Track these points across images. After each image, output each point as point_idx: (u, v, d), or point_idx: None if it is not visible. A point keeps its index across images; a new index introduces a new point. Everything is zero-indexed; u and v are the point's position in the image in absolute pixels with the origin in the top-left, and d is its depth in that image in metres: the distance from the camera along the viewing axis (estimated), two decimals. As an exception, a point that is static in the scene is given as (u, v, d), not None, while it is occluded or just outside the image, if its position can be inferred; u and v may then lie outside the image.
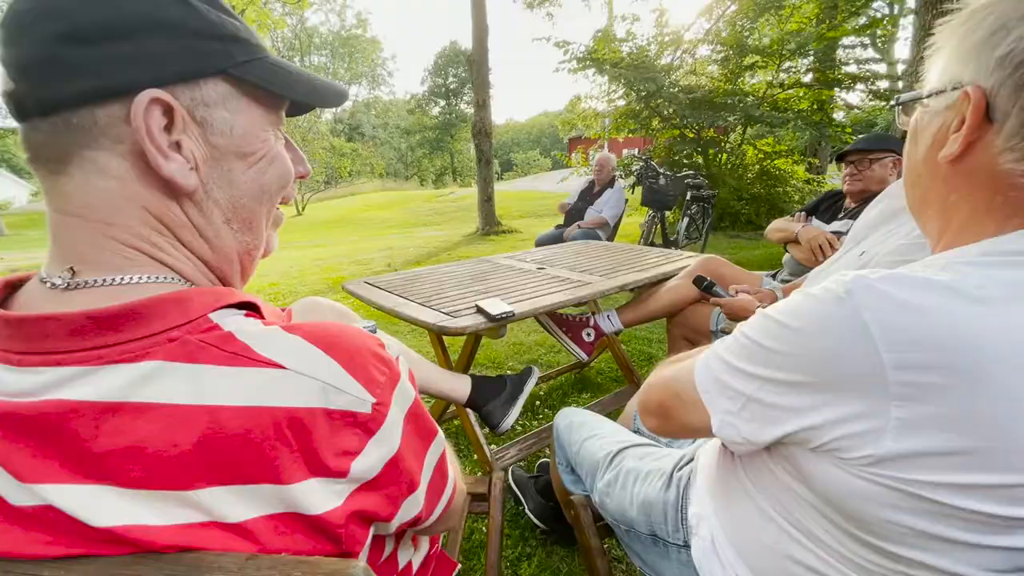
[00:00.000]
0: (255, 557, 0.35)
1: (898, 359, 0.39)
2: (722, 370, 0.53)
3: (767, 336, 0.48)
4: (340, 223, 14.96)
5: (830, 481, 0.47)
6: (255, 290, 4.79)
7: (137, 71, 0.37)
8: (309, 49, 38.63)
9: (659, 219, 5.06)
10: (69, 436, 0.34)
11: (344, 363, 0.39)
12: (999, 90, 0.44)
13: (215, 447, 0.35)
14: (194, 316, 0.39)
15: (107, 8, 0.36)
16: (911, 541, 0.44)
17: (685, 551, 0.75)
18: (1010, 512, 0.39)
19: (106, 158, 0.38)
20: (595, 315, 1.98)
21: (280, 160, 0.48)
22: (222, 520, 0.35)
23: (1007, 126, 0.44)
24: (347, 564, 0.34)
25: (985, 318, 0.39)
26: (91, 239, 0.39)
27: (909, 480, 0.41)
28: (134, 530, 0.33)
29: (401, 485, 0.43)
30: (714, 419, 0.53)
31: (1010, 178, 0.44)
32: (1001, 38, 0.43)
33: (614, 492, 0.88)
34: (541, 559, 1.37)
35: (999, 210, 0.46)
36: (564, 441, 1.08)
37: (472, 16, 8.17)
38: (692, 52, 8.33)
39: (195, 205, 0.43)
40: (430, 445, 0.48)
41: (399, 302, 1.57)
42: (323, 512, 0.37)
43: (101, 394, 0.35)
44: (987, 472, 0.39)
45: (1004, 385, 0.38)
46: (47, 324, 0.36)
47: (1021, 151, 0.43)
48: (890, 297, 0.41)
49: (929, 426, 0.39)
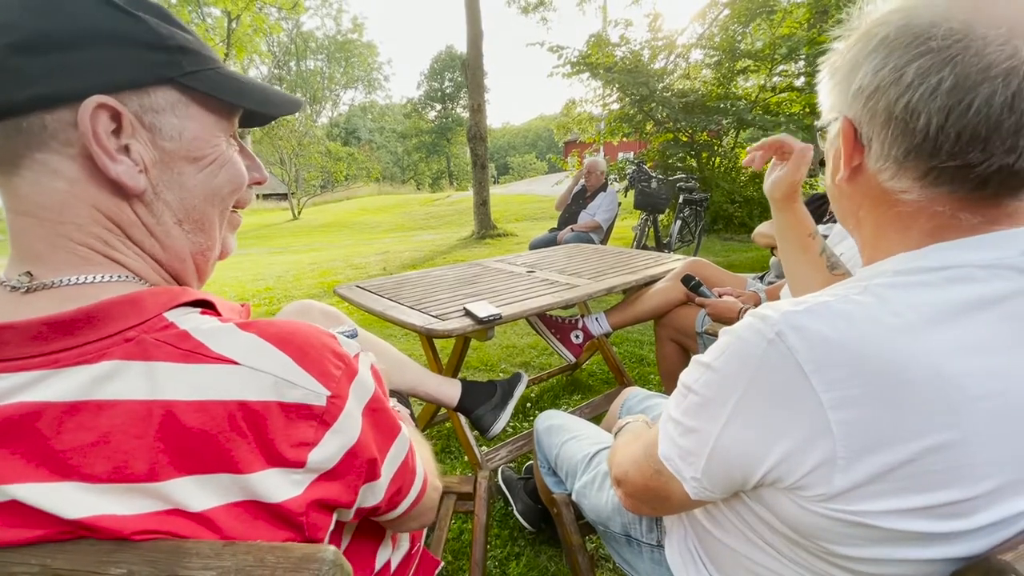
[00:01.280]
0: (231, 543, 0.36)
1: (833, 398, 0.41)
2: (677, 434, 0.53)
3: (704, 384, 0.49)
4: (336, 227, 14.95)
5: (791, 514, 0.48)
6: (249, 294, 4.79)
7: (86, 79, 0.39)
8: (305, 54, 38.68)
9: (652, 222, 5.09)
10: (32, 436, 0.35)
11: (297, 358, 0.41)
12: (860, 119, 0.48)
13: (174, 440, 0.36)
14: (149, 316, 0.40)
15: (57, 21, 0.38)
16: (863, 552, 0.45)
17: (659, 551, 0.77)
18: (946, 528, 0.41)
19: (56, 160, 0.40)
20: (584, 317, 2.00)
21: (232, 164, 0.49)
22: (185, 508, 0.37)
23: (873, 150, 0.48)
24: (318, 548, 0.36)
25: (906, 345, 0.41)
26: (45, 237, 0.41)
27: (859, 511, 0.42)
28: (103, 519, 0.35)
29: (362, 474, 0.45)
30: (687, 488, 0.53)
31: (893, 195, 0.48)
32: (855, 74, 0.47)
33: (591, 493, 0.90)
34: (529, 558, 1.38)
35: (896, 222, 0.49)
36: (544, 444, 1.10)
37: (467, 21, 8.22)
38: (685, 56, 8.39)
39: (145, 206, 0.44)
40: (394, 440, 0.50)
41: (389, 305, 1.59)
42: (283, 500, 0.39)
43: (62, 395, 0.36)
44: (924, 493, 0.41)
45: (930, 407, 0.40)
46: (5, 333, 0.37)
47: (889, 172, 0.47)
48: (819, 336, 0.42)
49: (870, 456, 0.41)
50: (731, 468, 0.48)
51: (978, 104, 0.40)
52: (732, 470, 0.48)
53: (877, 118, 0.46)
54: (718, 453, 0.49)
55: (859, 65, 0.47)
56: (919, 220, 0.47)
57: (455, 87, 43.94)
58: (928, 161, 0.44)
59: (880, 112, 0.46)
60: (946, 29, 0.41)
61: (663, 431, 0.55)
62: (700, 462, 0.50)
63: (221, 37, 14.66)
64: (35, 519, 0.35)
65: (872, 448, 0.41)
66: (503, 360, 2.82)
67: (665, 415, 0.56)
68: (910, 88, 0.43)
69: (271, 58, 33.75)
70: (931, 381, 0.40)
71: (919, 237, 0.47)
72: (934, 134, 0.43)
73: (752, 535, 0.56)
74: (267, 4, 13.64)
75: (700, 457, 0.50)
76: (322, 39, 40.43)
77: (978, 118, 0.41)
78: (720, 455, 0.49)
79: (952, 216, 0.46)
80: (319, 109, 40.68)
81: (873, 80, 0.45)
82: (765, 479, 0.47)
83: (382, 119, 47.84)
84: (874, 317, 0.42)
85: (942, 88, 0.41)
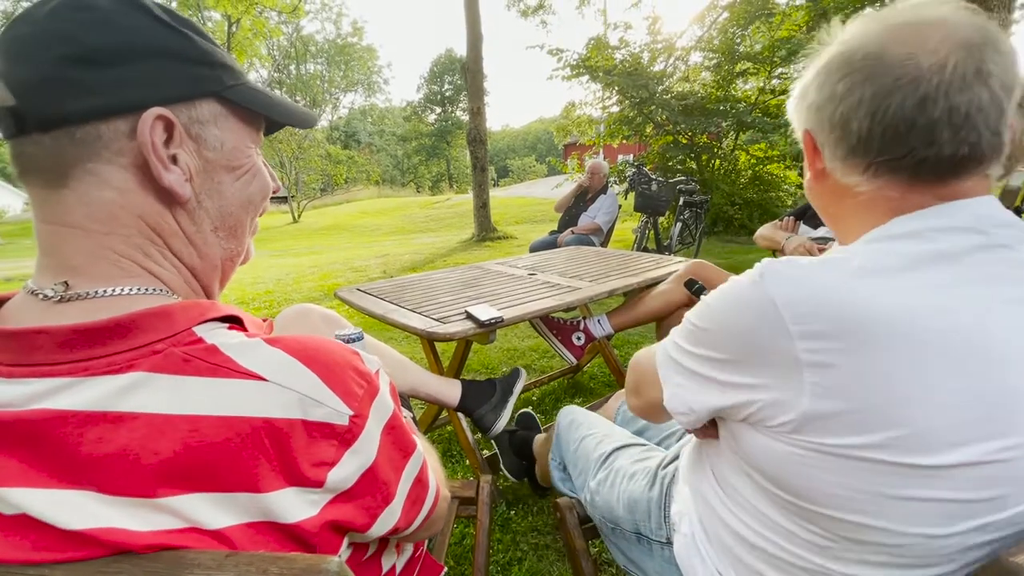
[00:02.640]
0: (234, 554, 0.36)
1: (802, 330, 0.46)
2: (673, 350, 0.61)
3: (701, 318, 0.57)
4: (336, 230, 14.96)
5: (762, 450, 0.53)
6: (249, 298, 4.79)
7: (142, 91, 0.41)
8: (305, 57, 38.79)
9: (652, 224, 5.10)
10: (53, 443, 0.35)
11: (323, 376, 0.41)
12: (814, 129, 0.58)
13: (195, 456, 0.36)
14: (179, 329, 0.41)
15: (113, 35, 0.40)
16: (845, 503, 0.49)
17: (668, 548, 0.77)
18: (913, 460, 0.44)
19: (108, 171, 0.41)
20: (586, 319, 1.99)
21: (261, 174, 0.52)
22: (201, 526, 0.36)
23: (826, 154, 0.58)
24: (322, 559, 0.36)
25: (870, 287, 0.46)
26: (89, 249, 0.42)
27: (825, 444, 0.47)
28: (113, 533, 0.34)
29: (376, 496, 0.44)
30: (666, 392, 0.61)
31: (849, 189, 0.57)
32: (807, 94, 0.58)
33: (603, 491, 0.91)
34: (532, 563, 1.38)
35: (859, 210, 0.57)
36: (564, 438, 1.11)
37: (466, 24, 8.24)
38: (685, 59, 8.41)
39: (187, 214, 0.46)
40: (409, 458, 0.50)
41: (390, 308, 1.58)
42: (298, 521, 0.39)
43: (86, 403, 0.36)
44: (886, 429, 0.45)
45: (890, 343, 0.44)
46: (36, 337, 0.38)
47: (840, 170, 0.57)
48: (792, 277, 0.48)
49: (835, 388, 0.45)
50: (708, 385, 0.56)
51: (894, 108, 0.49)
52: (709, 386, 0.56)
53: (824, 127, 0.56)
54: (703, 370, 0.56)
55: (809, 87, 0.58)
56: (877, 206, 0.55)
57: (455, 90, 44.04)
58: (864, 158, 0.53)
59: (825, 122, 0.56)
60: (865, 52, 0.51)
61: (662, 348, 0.64)
62: (685, 374, 0.59)
63: (221, 41, 14.73)
64: (43, 534, 0.34)
65: (839, 380, 0.45)
66: (504, 363, 2.81)
67: (669, 337, 0.64)
68: (843, 101, 0.53)
69: (271, 62, 33.84)
70: (892, 318, 0.44)
71: (879, 219, 0.54)
72: (865, 136, 0.52)
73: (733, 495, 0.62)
74: (267, 8, 13.69)
75: (686, 370, 0.58)
76: (322, 43, 40.55)
77: (896, 119, 0.49)
78: (704, 372, 0.56)
79: (902, 199, 0.53)
80: (319, 112, 40.72)
81: (818, 97, 0.56)
82: (736, 408, 0.53)
83: (382, 122, 47.95)
84: (845, 261, 0.49)
85: (864, 98, 0.51)
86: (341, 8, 43.51)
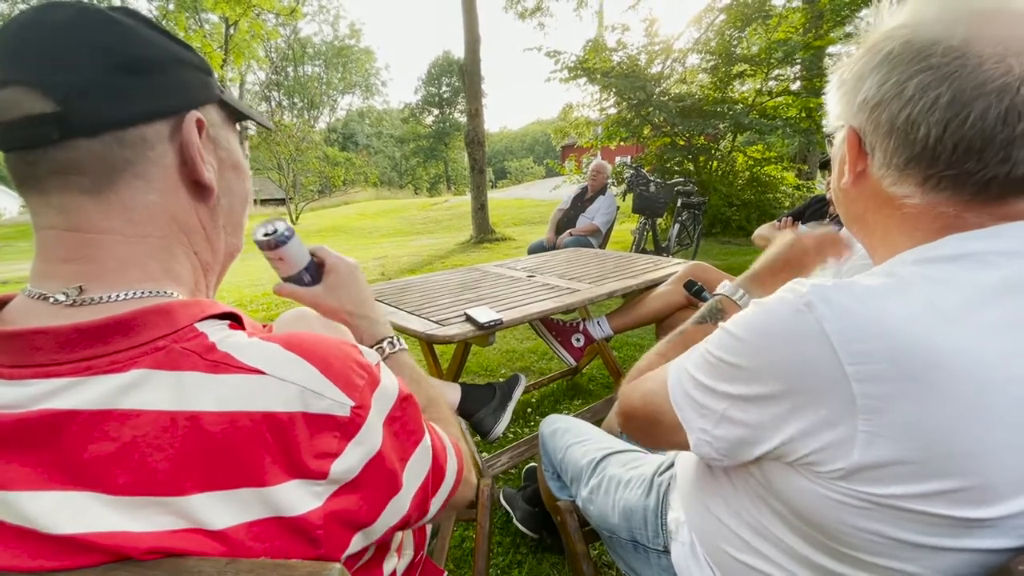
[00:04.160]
0: (234, 561, 0.35)
1: (859, 371, 0.41)
2: (692, 387, 0.54)
3: (730, 352, 0.50)
4: (334, 232, 14.94)
5: (797, 491, 0.48)
6: (247, 299, 4.77)
7: (179, 96, 0.46)
8: (303, 59, 38.74)
9: (650, 226, 5.11)
10: (56, 444, 0.35)
11: (322, 368, 0.41)
12: (864, 128, 0.51)
13: (198, 452, 0.36)
14: (180, 326, 0.41)
15: (148, 47, 0.44)
16: (880, 549, 0.46)
17: (665, 556, 0.76)
18: (968, 514, 0.41)
19: (153, 171, 0.44)
20: (585, 321, 1.99)
21: (249, 172, 0.56)
22: (206, 527, 0.36)
23: (876, 158, 0.51)
24: (323, 566, 0.35)
25: (940, 325, 0.41)
26: (122, 255, 0.43)
27: (878, 494, 0.43)
28: (113, 537, 0.34)
29: (381, 486, 0.44)
30: (691, 437, 0.54)
31: (897, 199, 0.50)
32: (861, 86, 0.50)
33: (597, 499, 0.89)
34: (532, 566, 1.37)
35: (903, 224, 0.51)
36: (549, 448, 1.09)
37: (464, 26, 8.24)
38: (682, 61, 8.43)
39: (208, 211, 0.50)
40: (417, 446, 0.49)
41: (389, 311, 1.58)
42: (302, 513, 0.38)
43: (88, 403, 0.36)
44: (943, 479, 0.41)
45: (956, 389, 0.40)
46: (37, 338, 0.38)
47: (892, 178, 0.50)
48: (848, 308, 0.43)
49: (891, 436, 0.41)
50: (747, 432, 0.49)
51: (973, 118, 0.42)
52: (747, 434, 0.49)
53: (880, 128, 0.49)
54: (736, 414, 0.50)
55: (864, 78, 0.49)
56: (925, 221, 0.49)
57: (453, 92, 44.07)
58: (927, 169, 0.47)
59: (883, 123, 0.48)
60: (946, 47, 0.43)
61: (676, 382, 0.57)
62: (712, 417, 0.52)
63: (219, 43, 14.68)
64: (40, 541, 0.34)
65: (896, 427, 0.41)
66: (503, 365, 2.81)
67: (680, 368, 0.57)
68: (911, 102, 0.45)
69: (269, 63, 33.81)
70: (957, 363, 0.40)
71: (927, 236, 0.49)
72: (932, 145, 0.45)
73: (749, 520, 0.57)
74: (265, 10, 13.68)
75: (714, 413, 0.52)
76: (320, 44, 40.50)
77: (973, 131, 0.43)
78: (738, 417, 0.49)
79: (957, 216, 0.47)
80: (317, 114, 40.69)
81: (877, 93, 0.48)
82: (779, 450, 0.47)
83: (380, 124, 47.94)
84: (903, 296, 0.43)
85: (940, 102, 0.43)
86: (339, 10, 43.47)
